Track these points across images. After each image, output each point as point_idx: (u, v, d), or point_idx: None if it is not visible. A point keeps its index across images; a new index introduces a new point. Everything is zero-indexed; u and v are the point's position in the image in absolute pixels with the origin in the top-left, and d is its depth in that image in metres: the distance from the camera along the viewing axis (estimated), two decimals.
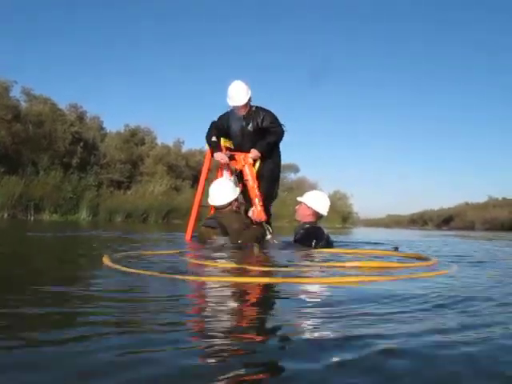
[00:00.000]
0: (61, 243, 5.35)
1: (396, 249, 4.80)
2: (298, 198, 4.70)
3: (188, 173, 25.62)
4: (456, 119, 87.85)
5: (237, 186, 4.72)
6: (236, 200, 4.50)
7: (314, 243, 4.38)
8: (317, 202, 4.60)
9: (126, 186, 21.40)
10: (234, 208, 4.48)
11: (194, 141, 41.17)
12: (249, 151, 4.90)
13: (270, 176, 5.02)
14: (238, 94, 4.87)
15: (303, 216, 4.62)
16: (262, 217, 4.72)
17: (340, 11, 77.39)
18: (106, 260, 2.77)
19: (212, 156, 5.00)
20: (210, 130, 5.05)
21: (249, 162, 4.85)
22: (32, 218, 12.77)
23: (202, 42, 77.63)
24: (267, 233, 4.79)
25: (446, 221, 51.79)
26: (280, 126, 5.02)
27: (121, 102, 55.13)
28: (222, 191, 4.43)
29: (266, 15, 77.22)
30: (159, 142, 27.28)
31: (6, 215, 12.35)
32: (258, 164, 4.93)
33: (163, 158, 25.04)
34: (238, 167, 4.93)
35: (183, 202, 17.91)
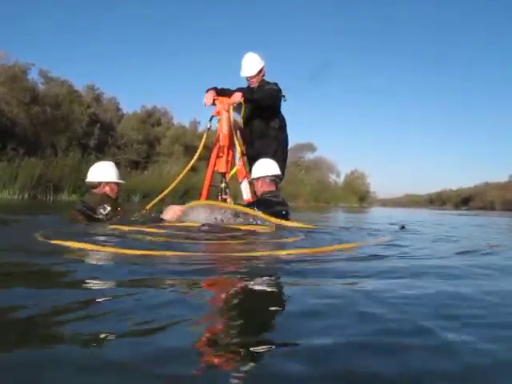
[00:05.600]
0: None
1: (403, 227, 4.82)
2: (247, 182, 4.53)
3: (204, 153, 25.65)
4: (477, 99, 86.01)
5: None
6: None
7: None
8: (260, 169, 4.33)
9: (143, 167, 21.61)
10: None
11: None
12: (256, 124, 4.88)
13: (272, 158, 4.63)
14: (248, 64, 4.83)
15: (258, 190, 4.31)
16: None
17: None
18: None
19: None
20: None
21: (228, 106, 4.68)
22: (51, 199, 13.00)
23: (219, 23, 76.91)
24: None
25: (464, 201, 51.12)
26: (276, 86, 4.76)
27: (137, 83, 55.42)
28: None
29: None
30: (175, 122, 27.44)
31: (26, 196, 12.61)
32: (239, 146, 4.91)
33: (179, 138, 25.17)
34: (217, 111, 4.79)
35: (200, 181, 17.82)
